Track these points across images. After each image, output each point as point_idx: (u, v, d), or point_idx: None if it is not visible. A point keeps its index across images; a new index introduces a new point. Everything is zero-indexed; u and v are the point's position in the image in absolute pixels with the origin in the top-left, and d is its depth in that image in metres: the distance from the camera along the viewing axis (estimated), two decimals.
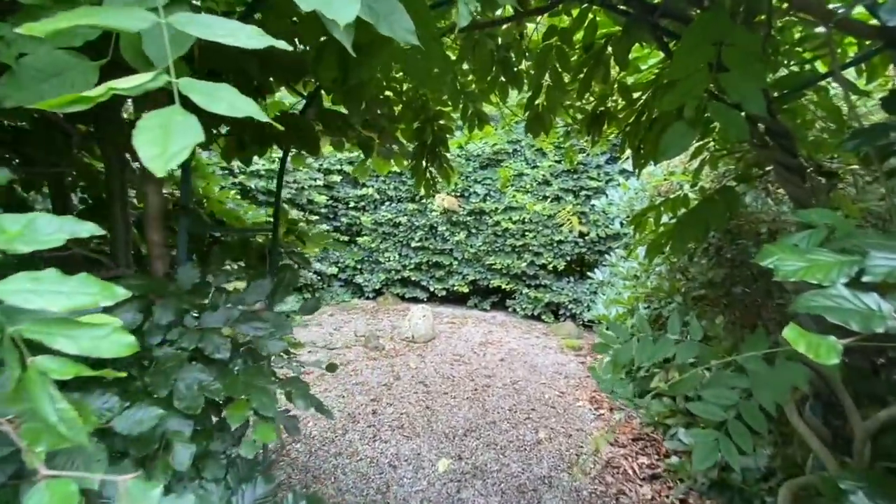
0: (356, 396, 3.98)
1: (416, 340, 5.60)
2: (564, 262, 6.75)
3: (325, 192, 7.58)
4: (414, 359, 5.03)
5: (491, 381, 4.48)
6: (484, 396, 4.10)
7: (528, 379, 4.56)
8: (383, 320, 6.61)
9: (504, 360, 5.10)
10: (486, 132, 2.98)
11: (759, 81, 1.18)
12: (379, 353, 5.18)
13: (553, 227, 6.72)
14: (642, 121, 2.27)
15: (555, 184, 6.69)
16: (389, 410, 3.73)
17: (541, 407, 3.94)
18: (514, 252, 7.06)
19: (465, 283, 7.38)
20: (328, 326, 6.15)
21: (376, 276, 7.73)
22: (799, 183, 1.64)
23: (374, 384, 4.26)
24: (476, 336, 5.97)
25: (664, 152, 1.17)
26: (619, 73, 2.31)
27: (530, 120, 1.90)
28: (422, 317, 5.75)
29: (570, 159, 2.75)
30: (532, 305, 6.87)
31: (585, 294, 6.57)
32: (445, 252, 7.50)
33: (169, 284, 1.18)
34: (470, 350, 5.40)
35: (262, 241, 2.37)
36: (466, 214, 7.19)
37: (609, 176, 6.51)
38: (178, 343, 1.08)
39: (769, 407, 1.24)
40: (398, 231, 7.60)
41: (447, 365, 4.87)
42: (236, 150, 2.00)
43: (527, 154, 6.90)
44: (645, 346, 1.54)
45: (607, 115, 2.40)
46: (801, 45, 1.68)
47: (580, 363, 5.14)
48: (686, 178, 3.25)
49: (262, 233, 2.11)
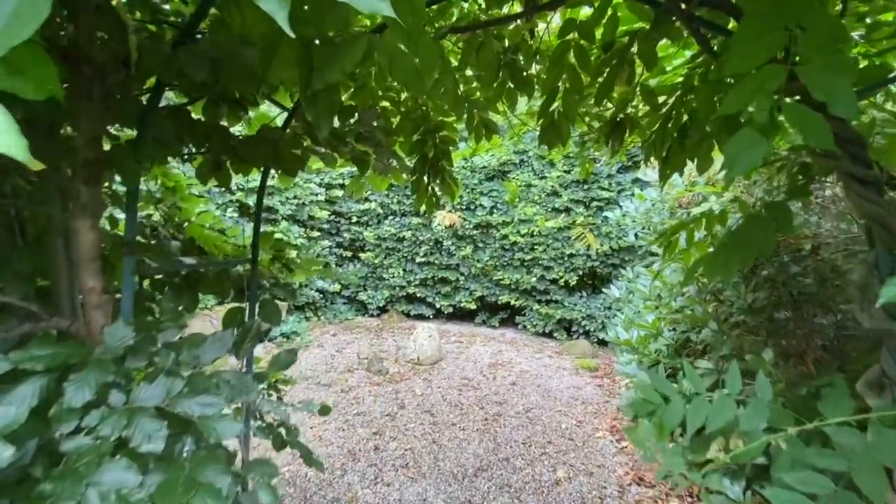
0: (357, 429, 3.69)
1: (421, 363, 5.31)
2: (576, 276, 6.45)
3: (327, 206, 7.37)
4: (420, 384, 4.73)
5: (502, 408, 4.17)
6: (495, 427, 3.79)
7: (542, 406, 4.24)
8: (388, 340, 6.33)
9: (516, 383, 4.79)
10: (493, 143, 2.73)
11: (849, 75, 0.91)
12: (383, 377, 4.89)
13: (563, 240, 6.43)
14: (668, 128, 2.01)
15: (564, 195, 6.42)
16: (393, 446, 3.44)
17: (557, 439, 3.62)
18: (523, 266, 6.77)
19: (472, 299, 7.09)
20: (330, 348, 5.88)
21: (380, 293, 7.47)
22: (875, 198, 1.36)
23: (377, 414, 3.97)
24: (485, 356, 5.66)
25: (732, 166, 0.90)
26: (642, 75, 2.06)
27: (544, 128, 1.64)
28: (427, 337, 5.46)
29: (585, 170, 2.49)
30: (543, 322, 6.56)
31: (599, 310, 6.25)
32: (451, 267, 7.23)
33: (93, 349, 0.92)
34: (479, 373, 5.09)
35: (244, 271, 2.13)
36: (473, 228, 6.93)
37: (621, 186, 6.23)
38: (97, 431, 0.82)
39: (876, 498, 0.94)
40: (402, 246, 7.35)
41: (455, 390, 4.57)
42: (212, 169, 1.76)
43: (534, 165, 6.65)
44: (699, 409, 1.25)
45: (629, 121, 2.14)
46: (871, 32, 1.41)
47: (597, 386, 4.81)
48: (713, 190, 2.96)
49: (242, 263, 1.86)
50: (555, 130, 1.63)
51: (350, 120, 2.01)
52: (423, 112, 2.33)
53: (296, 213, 6.77)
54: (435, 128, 2.34)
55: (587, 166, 2.51)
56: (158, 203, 2.26)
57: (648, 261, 5.72)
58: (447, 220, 6.12)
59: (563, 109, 1.61)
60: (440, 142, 2.33)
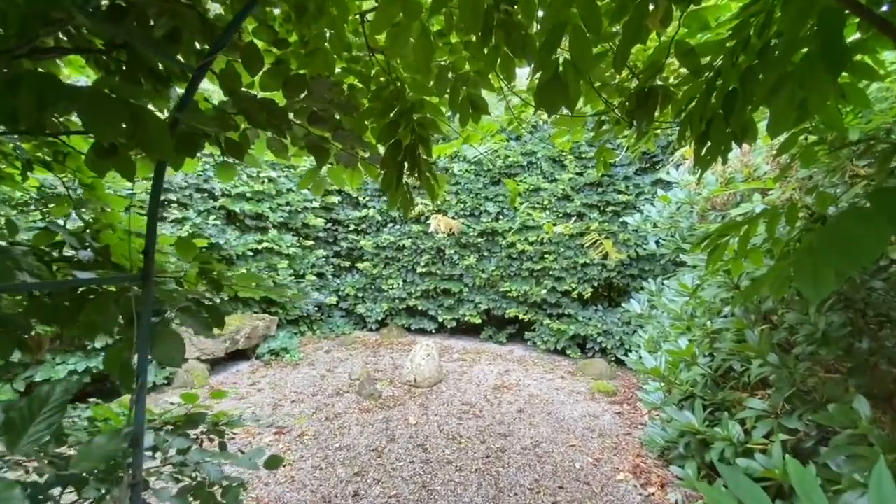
0: (337, 469, 3.18)
1: (418, 385, 4.79)
2: (591, 288, 5.88)
3: (323, 214, 6.95)
4: (415, 410, 4.21)
5: (507, 442, 3.62)
6: (497, 467, 3.24)
7: (552, 439, 3.68)
8: (385, 357, 5.83)
9: (523, 410, 4.23)
10: (486, 128, 2.24)
11: None
12: (374, 402, 4.38)
13: (576, 248, 5.88)
14: (712, 99, 1.49)
15: (577, 199, 5.88)
16: (376, 491, 2.92)
17: (571, 483, 3.06)
18: (532, 277, 6.23)
19: (477, 312, 6.55)
20: (321, 367, 5.40)
21: (379, 306, 6.99)
22: None
23: (362, 449, 3.46)
24: (490, 377, 5.11)
25: None
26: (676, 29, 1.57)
27: (544, 85, 1.13)
28: (425, 356, 4.95)
29: (602, 163, 1.98)
30: (555, 338, 5.99)
31: (617, 325, 5.67)
32: (455, 278, 6.72)
33: None
34: (482, 397, 4.55)
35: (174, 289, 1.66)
36: (477, 235, 6.43)
37: (640, 189, 5.68)
38: None
39: None
40: (402, 255, 6.88)
41: (454, 419, 4.03)
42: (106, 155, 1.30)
43: (543, 167, 6.14)
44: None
45: (660, 93, 1.63)
46: None
47: (616, 414, 4.23)
48: (758, 185, 2.42)
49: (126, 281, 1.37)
50: (559, 87, 1.13)
51: (300, 95, 1.55)
52: (397, 88, 1.85)
53: (288, 220, 6.35)
54: (412, 108, 1.85)
55: (605, 156, 2.00)
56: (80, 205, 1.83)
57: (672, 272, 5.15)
58: (443, 225, 5.59)
59: (572, 56, 1.11)
60: (418, 125, 1.84)
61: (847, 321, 1.77)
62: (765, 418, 2.04)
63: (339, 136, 1.72)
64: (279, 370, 5.25)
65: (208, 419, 2.00)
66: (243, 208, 5.57)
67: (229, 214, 5.67)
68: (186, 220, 4.93)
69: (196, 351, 4.82)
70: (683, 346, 2.56)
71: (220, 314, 1.59)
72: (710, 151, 1.54)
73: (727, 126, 1.44)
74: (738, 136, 1.47)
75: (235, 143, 1.71)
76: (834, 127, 1.70)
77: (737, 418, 2.15)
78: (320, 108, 1.65)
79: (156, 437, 1.75)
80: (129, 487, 1.22)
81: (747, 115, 1.41)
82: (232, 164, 1.89)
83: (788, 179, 2.56)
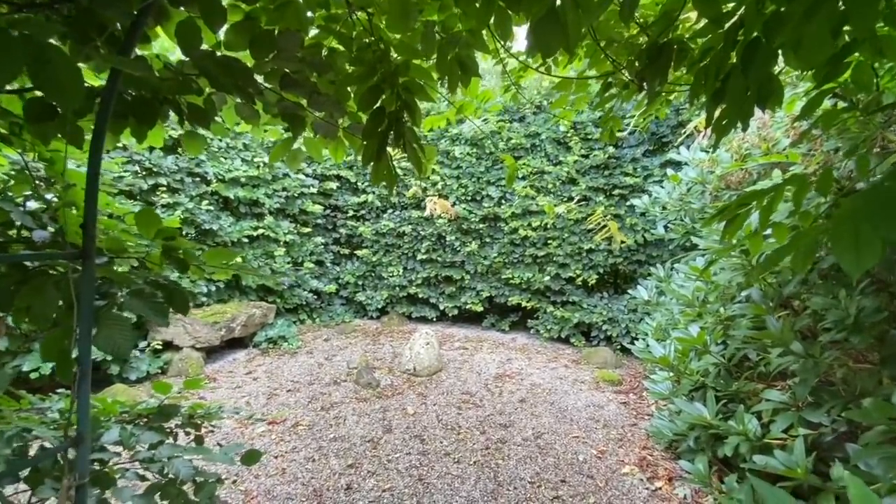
0: (330, 460, 3.07)
1: (418, 374, 4.67)
2: (596, 274, 5.70)
3: (321, 200, 6.79)
4: (413, 399, 4.09)
5: (508, 433, 3.49)
6: (497, 459, 3.12)
7: (555, 430, 3.54)
8: (385, 346, 5.72)
9: (525, 400, 4.10)
10: (482, 96, 2.05)
11: None
12: (371, 391, 4.27)
13: (581, 233, 5.69)
14: (732, 57, 1.30)
15: (582, 182, 5.67)
16: (369, 484, 2.80)
17: (574, 476, 2.92)
18: (536, 264, 6.06)
19: (479, 300, 6.40)
20: (319, 355, 5.29)
21: (379, 294, 6.85)
22: None
23: (357, 440, 3.35)
24: (491, 366, 4.98)
25: None
26: None
27: (539, 22, 0.95)
28: (425, 344, 4.82)
29: (608, 133, 1.79)
30: (558, 326, 5.83)
31: (623, 312, 5.49)
32: (456, 265, 6.56)
33: None
34: (483, 386, 4.42)
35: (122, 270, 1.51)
36: (479, 221, 6.25)
37: (648, 171, 5.45)
38: None
39: None
40: (402, 242, 6.72)
41: (453, 409, 3.91)
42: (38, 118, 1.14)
43: (547, 149, 5.92)
44: None
45: (674, 47, 1.44)
46: None
47: (621, 404, 4.08)
48: (779, 159, 2.22)
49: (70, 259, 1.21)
50: (555, 24, 0.95)
51: (269, 54, 1.38)
52: (381, 50, 1.67)
53: (285, 206, 6.20)
54: (397, 71, 1.67)
55: (613, 125, 1.81)
56: (48, 183, 1.69)
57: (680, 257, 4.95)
58: (440, 207, 5.40)
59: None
60: (403, 90, 1.66)
61: (881, 306, 1.59)
62: (784, 411, 1.87)
63: (315, 101, 1.55)
64: (276, 359, 5.15)
65: (183, 411, 1.88)
66: (237, 194, 5.42)
67: (227, 202, 5.53)
68: (178, 206, 4.79)
69: (190, 339, 4.72)
70: (694, 334, 2.39)
71: (183, 298, 1.44)
72: (727, 115, 1.35)
73: (746, 81, 1.25)
74: (760, 96, 1.28)
75: (199, 109, 1.54)
76: (865, 87, 1.52)
77: (753, 411, 1.99)
78: (293, 70, 1.47)
79: (121, 432, 1.62)
80: (72, 490, 1.08)
81: (770, 70, 1.23)
82: (199, 135, 1.72)
83: (813, 153, 2.35)
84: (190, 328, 4.75)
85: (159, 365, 4.52)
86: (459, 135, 6.31)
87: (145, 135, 1.44)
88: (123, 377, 4.29)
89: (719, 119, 1.36)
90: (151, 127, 1.42)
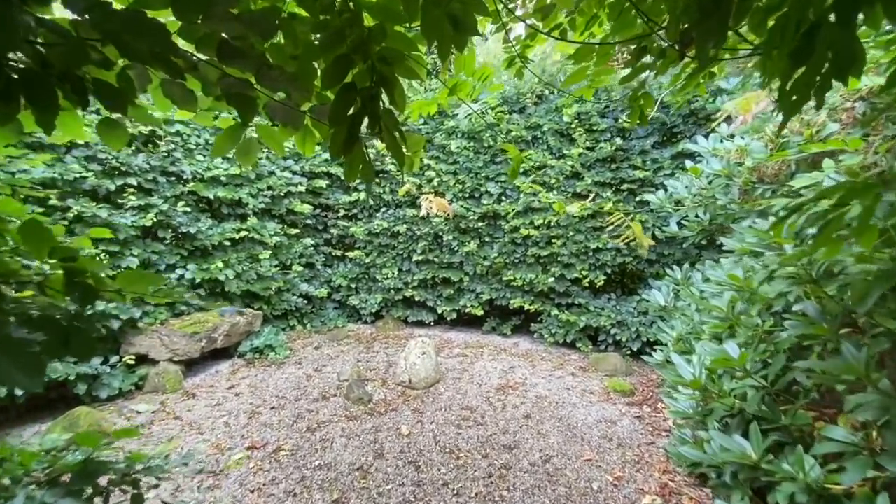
0: (313, 494, 2.72)
1: (413, 386, 4.32)
2: (603, 275, 5.35)
3: (311, 199, 6.41)
4: (408, 417, 3.74)
5: (512, 456, 3.15)
6: (501, 489, 2.77)
7: (565, 452, 3.20)
8: (379, 353, 5.36)
9: (530, 416, 3.75)
10: (479, 74, 1.68)
11: None
12: (363, 407, 3.92)
13: (587, 231, 5.33)
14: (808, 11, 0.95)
15: (587, 177, 5.30)
16: None
17: None
18: (539, 264, 5.70)
19: (479, 303, 6.05)
20: (308, 366, 4.94)
21: (374, 297, 6.50)
22: None
23: (345, 467, 3.00)
24: (493, 376, 4.63)
25: None
26: None
27: None
28: (421, 354, 4.46)
29: (638, 112, 1.42)
30: (563, 330, 5.48)
31: (632, 315, 5.15)
32: (454, 266, 6.20)
33: None
34: (484, 399, 4.08)
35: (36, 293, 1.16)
36: (477, 219, 5.89)
37: (658, 164, 5.09)
38: None
39: None
40: (397, 242, 6.35)
41: (452, 427, 3.56)
42: None
43: (550, 141, 5.55)
44: None
45: None
46: None
47: (635, 418, 3.74)
48: (838, 146, 1.86)
49: None
50: None
51: (198, 14, 1.02)
52: (351, 10, 1.29)
53: (271, 206, 5.82)
54: (370, 37, 1.28)
55: (645, 104, 1.44)
56: None
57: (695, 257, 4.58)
58: (436, 206, 5.03)
59: None
60: (379, 61, 1.28)
61: None
62: (854, 454, 1.53)
63: (265, 76, 1.17)
64: (262, 370, 4.80)
65: (118, 466, 1.53)
66: (218, 194, 5.04)
67: (210, 203, 5.14)
68: (151, 208, 4.41)
69: (168, 352, 4.36)
70: (733, 353, 2.04)
71: (86, 338, 1.08)
72: (805, 81, 0.99)
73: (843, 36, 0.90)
74: (840, 64, 0.93)
75: (112, 88, 1.16)
76: None
77: (814, 452, 1.65)
78: (233, 36, 1.10)
79: (26, 501, 1.26)
80: None
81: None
82: (118, 123, 1.35)
83: (874, 140, 1.99)
84: (167, 340, 4.39)
85: (133, 381, 4.16)
86: (456, 127, 5.93)
87: (52, 123, 1.05)
88: (94, 395, 3.92)
89: (791, 89, 1.00)
90: (53, 113, 1.04)
